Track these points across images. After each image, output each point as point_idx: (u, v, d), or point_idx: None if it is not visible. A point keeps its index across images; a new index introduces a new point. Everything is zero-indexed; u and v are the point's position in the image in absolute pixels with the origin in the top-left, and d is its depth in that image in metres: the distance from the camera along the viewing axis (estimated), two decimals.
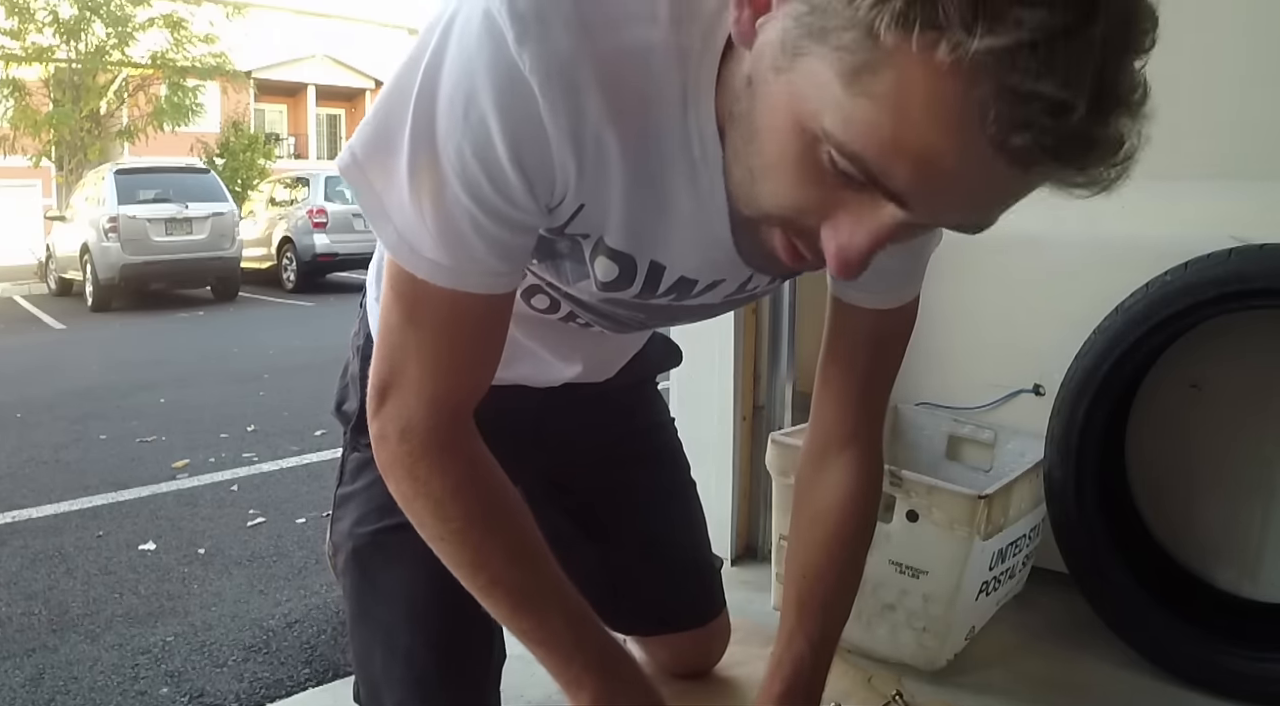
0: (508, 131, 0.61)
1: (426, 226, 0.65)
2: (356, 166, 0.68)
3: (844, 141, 0.49)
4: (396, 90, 0.65)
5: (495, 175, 0.63)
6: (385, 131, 0.66)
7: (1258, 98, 1.37)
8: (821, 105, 0.49)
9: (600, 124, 0.62)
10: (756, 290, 0.84)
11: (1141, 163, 0.49)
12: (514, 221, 0.66)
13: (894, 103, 0.46)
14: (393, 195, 0.66)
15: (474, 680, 1.03)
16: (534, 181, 0.64)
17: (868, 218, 0.53)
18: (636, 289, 0.77)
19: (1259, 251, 1.24)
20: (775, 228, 0.60)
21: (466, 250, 0.66)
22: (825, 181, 0.53)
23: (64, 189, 14.77)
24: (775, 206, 0.58)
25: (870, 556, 1.31)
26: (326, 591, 2.02)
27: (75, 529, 2.55)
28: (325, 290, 10.01)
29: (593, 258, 0.75)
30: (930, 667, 1.31)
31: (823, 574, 0.93)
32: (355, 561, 1.06)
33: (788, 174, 0.55)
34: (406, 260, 0.67)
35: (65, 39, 14.78)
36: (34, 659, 1.74)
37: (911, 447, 1.71)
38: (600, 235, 0.72)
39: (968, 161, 0.47)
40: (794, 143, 0.53)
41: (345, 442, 1.11)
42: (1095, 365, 1.34)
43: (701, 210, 0.69)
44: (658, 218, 0.70)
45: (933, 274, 0.90)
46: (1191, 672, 1.30)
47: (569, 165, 0.64)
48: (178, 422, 3.89)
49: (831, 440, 0.93)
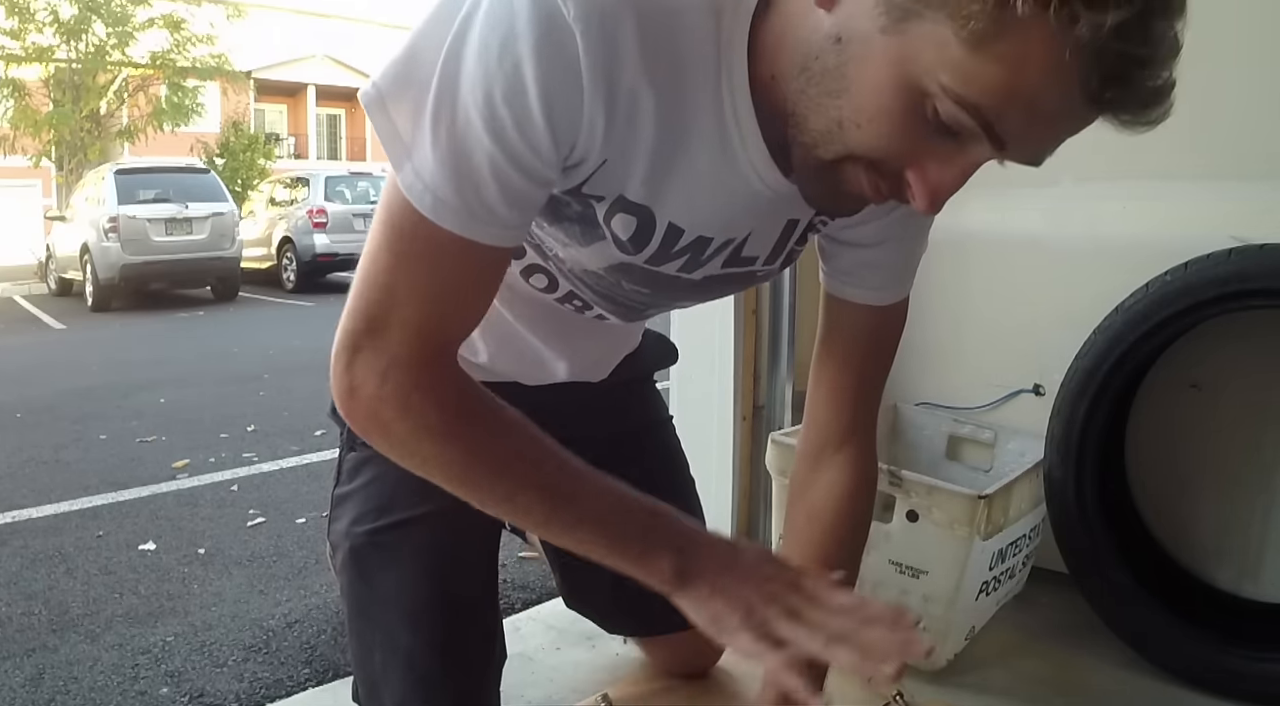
0: (542, 79, 0.61)
1: (444, 167, 0.64)
2: (380, 99, 0.67)
3: (964, 94, 0.56)
4: (430, 26, 0.65)
5: (523, 122, 0.63)
6: (412, 67, 0.65)
7: (1258, 98, 1.37)
8: (940, 63, 0.55)
9: (636, 78, 0.64)
10: (754, 267, 0.86)
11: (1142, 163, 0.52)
12: (532, 171, 0.66)
13: (1016, 64, 0.54)
14: (413, 132, 0.65)
15: (475, 679, 1.03)
16: (560, 132, 0.64)
17: (958, 158, 0.61)
18: (653, 248, 0.78)
19: (1259, 251, 1.24)
20: (859, 166, 0.63)
21: (480, 195, 0.65)
22: (920, 130, 0.59)
23: (64, 189, 14.77)
24: (869, 150, 0.62)
25: (870, 556, 1.31)
26: (326, 591, 2.02)
27: (75, 529, 2.55)
28: (325, 290, 10.00)
29: (609, 217, 0.75)
30: (930, 667, 1.31)
31: None
32: (353, 561, 1.06)
33: (888, 123, 0.59)
34: (418, 198, 0.66)
35: (65, 39, 14.77)
36: (34, 659, 1.74)
37: (911, 447, 1.71)
38: (620, 192, 0.73)
39: (1067, 110, 0.57)
40: (899, 97, 0.58)
41: (342, 443, 1.12)
42: (1095, 365, 1.34)
43: (727, 167, 0.71)
44: (681, 175, 0.72)
45: (933, 274, 0.91)
46: (1191, 672, 1.30)
47: (598, 119, 0.65)
48: (178, 422, 3.89)
49: (828, 439, 0.94)
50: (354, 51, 24.55)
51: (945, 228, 1.67)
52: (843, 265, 0.89)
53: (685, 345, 1.80)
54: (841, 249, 0.88)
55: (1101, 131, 0.60)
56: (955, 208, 0.69)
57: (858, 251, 0.88)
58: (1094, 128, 0.60)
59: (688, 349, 1.82)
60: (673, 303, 0.98)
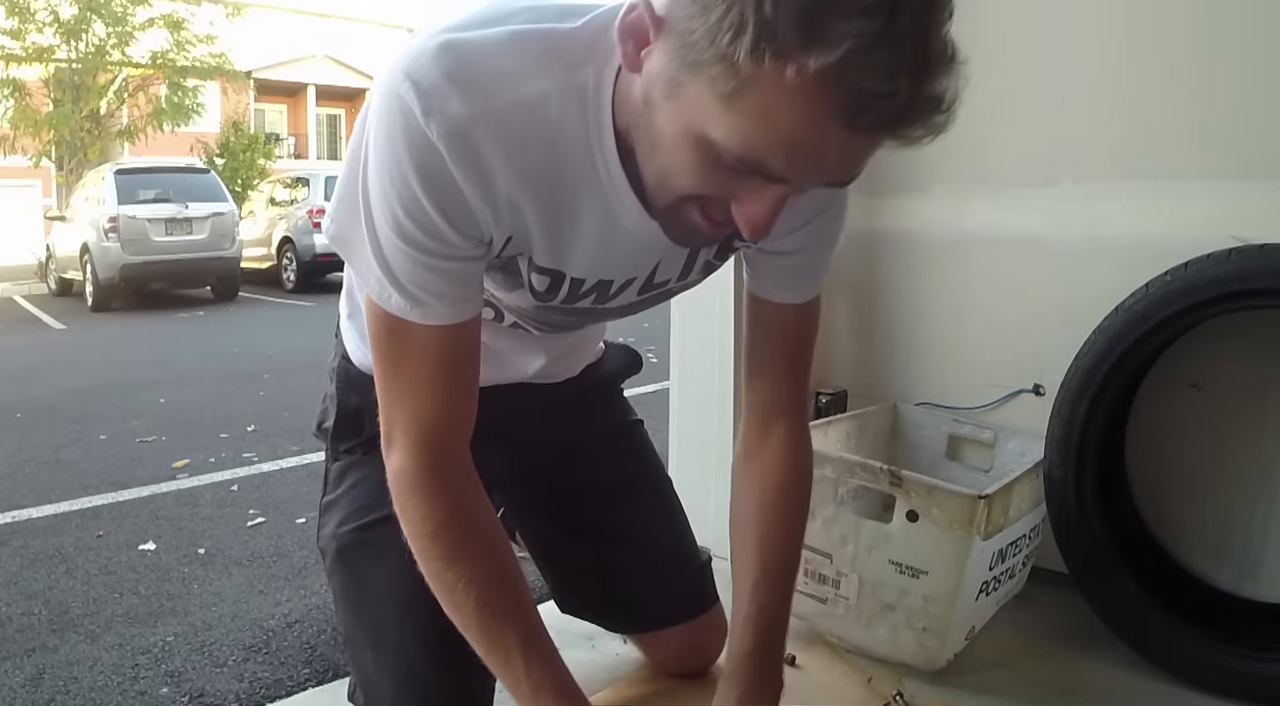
0: (430, 191, 0.72)
1: (391, 274, 0.77)
2: (340, 235, 0.82)
3: (729, 147, 0.62)
4: (349, 166, 0.79)
5: (427, 227, 0.74)
6: (349, 200, 0.79)
7: (1258, 98, 1.37)
8: (707, 122, 0.62)
9: (507, 181, 0.74)
10: (670, 285, 0.96)
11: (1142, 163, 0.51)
12: (456, 255, 0.77)
13: (762, 114, 0.60)
14: (367, 251, 0.78)
15: (466, 677, 1.03)
16: (461, 226, 0.75)
17: (766, 192, 0.67)
18: (563, 295, 0.89)
19: (1259, 251, 1.24)
20: (693, 206, 0.71)
21: (426, 288, 0.77)
22: (723, 173, 0.65)
23: (64, 189, 14.76)
24: (691, 192, 0.70)
25: (870, 556, 1.32)
26: (326, 591, 2.01)
27: (75, 529, 2.55)
28: (325, 290, 10.00)
29: (529, 273, 0.87)
30: (930, 667, 1.31)
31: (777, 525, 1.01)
32: (341, 560, 1.08)
33: (693, 172, 0.67)
34: (386, 303, 0.78)
35: (66, 39, 14.76)
36: (34, 659, 1.74)
37: (911, 447, 1.71)
38: (530, 255, 0.84)
39: (828, 144, 0.61)
40: (693, 149, 0.65)
41: (327, 455, 1.17)
42: (1095, 365, 1.34)
43: (612, 221, 0.80)
44: (572, 237, 0.82)
45: (933, 274, 0.91)
46: (1191, 672, 1.30)
47: (486, 213, 0.76)
48: (178, 422, 3.89)
49: (770, 415, 1.04)
50: (354, 51, 24.54)
51: (945, 228, 1.68)
52: (766, 273, 0.99)
53: (685, 345, 1.81)
54: (766, 258, 0.97)
55: (1101, 131, 0.61)
56: (956, 208, 0.69)
57: (780, 260, 0.96)
58: (1094, 128, 0.61)
59: (688, 349, 1.82)
60: (604, 320, 1.10)
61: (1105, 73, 1.48)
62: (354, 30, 25.32)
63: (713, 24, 0.58)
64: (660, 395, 2.03)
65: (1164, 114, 1.44)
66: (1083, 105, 1.48)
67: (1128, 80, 1.46)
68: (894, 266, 1.76)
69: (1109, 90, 1.48)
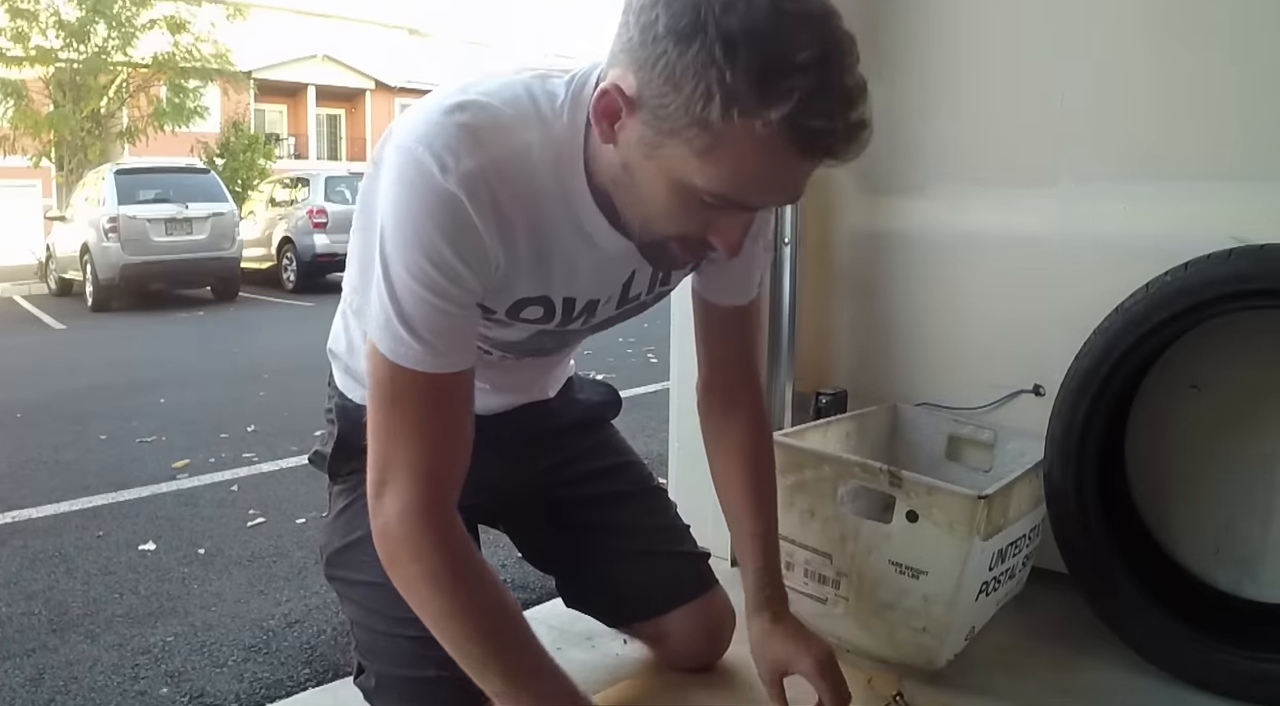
0: (451, 240, 0.84)
1: (410, 326, 0.85)
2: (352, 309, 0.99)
3: (710, 190, 0.78)
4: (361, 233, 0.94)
5: (449, 273, 0.84)
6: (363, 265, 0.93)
7: (1258, 98, 1.37)
8: (689, 172, 0.77)
9: (513, 212, 0.87)
10: (643, 297, 1.10)
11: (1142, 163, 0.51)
12: (471, 301, 0.88)
13: (737, 159, 0.75)
14: (380, 311, 0.86)
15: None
16: (478, 267, 0.86)
17: (738, 220, 0.84)
18: (559, 318, 1.02)
19: (1259, 251, 1.24)
20: (673, 241, 0.87)
21: (442, 335, 0.86)
22: (702, 210, 0.81)
23: (64, 189, 14.75)
24: (671, 233, 0.85)
25: (870, 556, 1.32)
26: (326, 591, 2.02)
27: (75, 529, 2.55)
28: (325, 290, 10.00)
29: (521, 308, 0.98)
30: (930, 668, 1.31)
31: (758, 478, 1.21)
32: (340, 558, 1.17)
33: (679, 217, 0.83)
34: (400, 358, 0.86)
35: (69, 41, 14.75)
36: (34, 659, 1.74)
37: (911, 447, 1.71)
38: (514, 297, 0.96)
39: (789, 173, 0.78)
40: (676, 196, 0.80)
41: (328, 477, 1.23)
42: (1095, 366, 1.34)
43: (589, 248, 0.94)
44: (558, 264, 0.95)
45: (933, 274, 0.91)
46: (1191, 672, 1.29)
47: (499, 250, 0.88)
48: (178, 422, 3.90)
49: (729, 393, 1.22)
50: (354, 51, 24.56)
51: (945, 228, 1.68)
52: (716, 282, 1.14)
53: (685, 345, 1.80)
54: (717, 269, 1.12)
55: (1102, 132, 0.60)
56: (956, 208, 0.70)
57: (729, 269, 1.11)
58: (1094, 128, 0.61)
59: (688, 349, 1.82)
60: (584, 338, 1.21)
61: (1105, 73, 1.48)
62: (354, 30, 25.33)
63: (685, 97, 0.72)
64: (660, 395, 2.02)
65: (1164, 114, 1.44)
66: (1083, 105, 1.48)
67: (1128, 81, 1.46)
68: (894, 266, 1.76)
69: (1109, 90, 1.48)
